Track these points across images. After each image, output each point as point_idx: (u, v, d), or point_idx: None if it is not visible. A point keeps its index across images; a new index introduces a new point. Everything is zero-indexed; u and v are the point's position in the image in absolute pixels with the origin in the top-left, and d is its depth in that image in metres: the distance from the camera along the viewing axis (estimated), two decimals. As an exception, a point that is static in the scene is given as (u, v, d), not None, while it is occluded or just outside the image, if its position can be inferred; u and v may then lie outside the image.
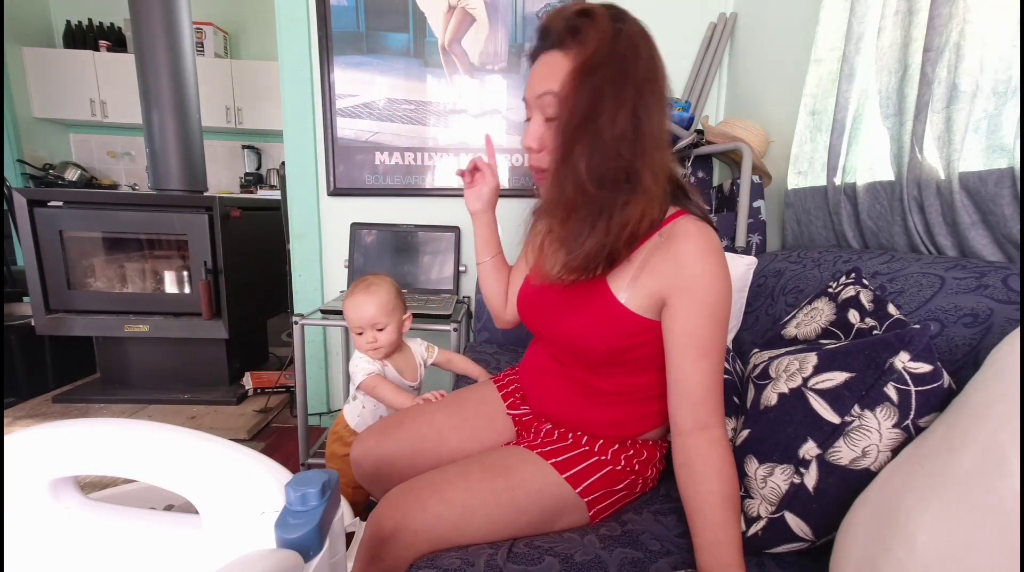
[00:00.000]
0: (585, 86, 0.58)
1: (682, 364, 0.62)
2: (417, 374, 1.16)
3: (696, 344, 0.61)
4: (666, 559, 0.60)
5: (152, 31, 1.82)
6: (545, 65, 0.62)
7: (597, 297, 0.67)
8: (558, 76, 0.60)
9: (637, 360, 0.68)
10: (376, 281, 1.10)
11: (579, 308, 0.69)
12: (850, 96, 0.99)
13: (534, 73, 0.64)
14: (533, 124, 0.65)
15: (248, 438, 1.71)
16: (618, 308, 0.65)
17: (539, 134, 0.65)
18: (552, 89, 0.61)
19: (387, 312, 1.06)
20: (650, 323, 0.65)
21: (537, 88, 0.63)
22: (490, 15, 1.62)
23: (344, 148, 1.67)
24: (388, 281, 1.11)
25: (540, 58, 0.63)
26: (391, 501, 0.64)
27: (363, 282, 1.09)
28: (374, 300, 1.05)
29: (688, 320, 0.62)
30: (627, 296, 0.65)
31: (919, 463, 0.44)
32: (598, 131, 0.58)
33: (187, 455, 0.46)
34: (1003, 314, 0.57)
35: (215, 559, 0.46)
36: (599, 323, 0.66)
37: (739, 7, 1.59)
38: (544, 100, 0.62)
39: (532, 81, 0.64)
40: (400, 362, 1.13)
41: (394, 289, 1.10)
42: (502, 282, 0.91)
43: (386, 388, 1.05)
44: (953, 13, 0.77)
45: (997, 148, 0.75)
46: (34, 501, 0.48)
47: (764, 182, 1.32)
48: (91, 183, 3.40)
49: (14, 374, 1.93)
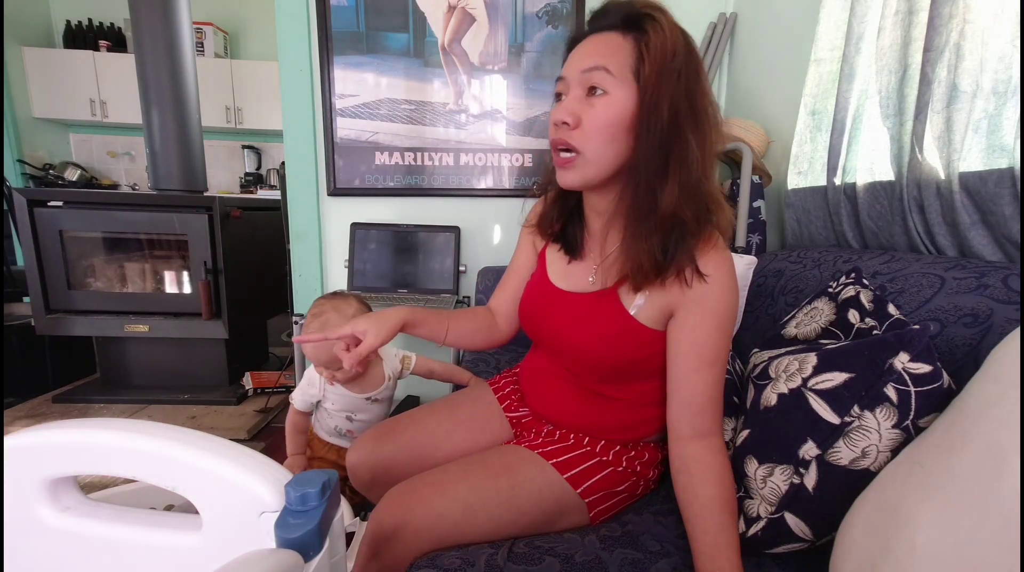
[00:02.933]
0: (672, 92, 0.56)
1: (686, 373, 0.62)
2: (379, 385, 1.11)
3: (701, 354, 0.61)
4: (666, 560, 0.60)
5: (152, 31, 1.81)
6: (597, 43, 0.60)
7: (608, 310, 0.67)
8: (614, 54, 0.58)
9: (645, 370, 0.68)
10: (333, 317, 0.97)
11: (589, 321, 0.68)
12: (850, 96, 0.99)
13: (581, 49, 0.61)
14: (571, 99, 0.61)
15: (248, 438, 1.71)
16: (629, 321, 0.65)
17: (577, 109, 0.60)
18: (606, 65, 0.58)
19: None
20: (660, 335, 0.65)
21: (586, 62, 0.59)
22: (490, 15, 1.62)
23: (344, 148, 1.67)
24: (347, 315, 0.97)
25: (591, 37, 0.61)
26: (393, 499, 0.64)
27: (319, 317, 0.98)
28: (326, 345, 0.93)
29: (695, 330, 0.62)
30: (637, 309, 0.64)
31: (919, 463, 0.44)
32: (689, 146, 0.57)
33: (187, 455, 0.46)
34: (1003, 314, 0.57)
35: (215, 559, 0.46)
36: (610, 336, 0.66)
37: (739, 7, 1.59)
38: (594, 75, 0.59)
39: (579, 56, 0.61)
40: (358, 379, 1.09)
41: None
42: (476, 328, 0.83)
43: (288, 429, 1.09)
44: (953, 13, 0.77)
45: (997, 148, 0.75)
46: (34, 501, 0.48)
47: (764, 182, 1.32)
48: (91, 183, 3.41)
49: (14, 374, 1.92)
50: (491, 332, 0.85)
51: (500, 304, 0.86)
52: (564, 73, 0.63)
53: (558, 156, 0.63)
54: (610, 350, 0.66)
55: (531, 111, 1.69)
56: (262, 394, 2.00)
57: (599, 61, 0.58)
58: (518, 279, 0.85)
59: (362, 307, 1.04)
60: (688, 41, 0.59)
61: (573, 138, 0.61)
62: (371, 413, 1.14)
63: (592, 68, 0.59)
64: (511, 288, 0.85)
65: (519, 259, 0.85)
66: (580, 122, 0.60)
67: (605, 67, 0.58)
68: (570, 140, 0.61)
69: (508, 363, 1.30)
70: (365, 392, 1.10)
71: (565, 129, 0.61)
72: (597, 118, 0.59)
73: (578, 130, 0.61)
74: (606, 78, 0.58)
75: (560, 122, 0.61)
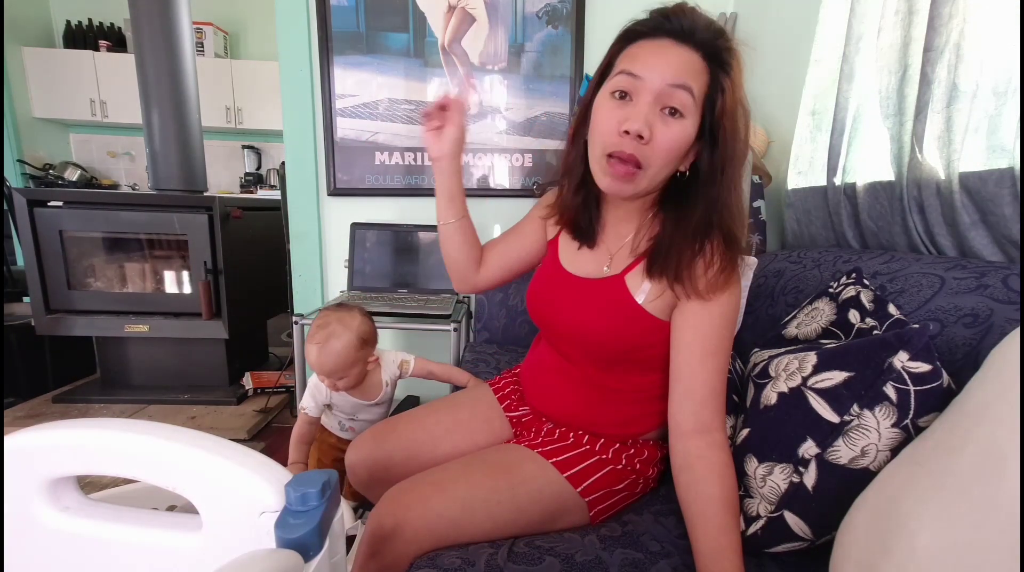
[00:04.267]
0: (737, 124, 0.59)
1: (689, 361, 0.62)
2: (378, 393, 1.13)
3: (704, 342, 0.62)
4: (666, 560, 0.59)
5: (152, 31, 1.81)
6: (682, 58, 0.57)
7: (614, 296, 0.67)
8: (696, 79, 0.57)
9: (647, 360, 0.68)
10: (337, 330, 0.99)
11: (595, 305, 0.69)
12: (850, 96, 0.99)
13: (665, 55, 0.57)
14: (642, 108, 0.57)
15: (248, 438, 1.71)
16: (635, 308, 0.65)
17: (652, 122, 0.57)
18: (691, 86, 0.57)
19: (346, 366, 0.99)
20: (664, 324, 0.66)
21: (674, 76, 0.56)
22: (490, 15, 1.62)
23: (344, 148, 1.67)
24: (349, 329, 1.00)
25: (665, 42, 0.58)
26: (392, 498, 0.64)
27: (322, 330, 0.99)
28: (330, 357, 0.97)
29: (698, 318, 0.62)
30: (644, 297, 0.65)
31: (919, 463, 0.44)
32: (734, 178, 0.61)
33: (187, 455, 0.46)
34: (1003, 314, 0.57)
35: (215, 559, 0.46)
36: (615, 321, 0.67)
37: (739, 7, 1.59)
38: (679, 95, 0.57)
39: (664, 64, 0.57)
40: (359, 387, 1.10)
41: (354, 340, 0.99)
42: (472, 246, 0.82)
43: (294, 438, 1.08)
44: (953, 13, 0.77)
45: (997, 148, 0.75)
46: (34, 501, 0.48)
47: (764, 182, 1.32)
48: (91, 183, 3.41)
49: (14, 374, 1.92)
50: (473, 264, 0.84)
51: (486, 251, 0.86)
52: (642, 73, 0.58)
53: (616, 165, 0.60)
54: (614, 335, 0.67)
55: (531, 111, 1.69)
56: (262, 394, 2.00)
57: (688, 80, 0.56)
58: (516, 241, 0.84)
59: (366, 320, 1.06)
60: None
61: (643, 153, 0.59)
62: (372, 413, 1.16)
63: (681, 86, 0.56)
64: (503, 243, 0.85)
65: (524, 229, 0.84)
66: (653, 137, 0.58)
67: (692, 89, 0.57)
68: (639, 156, 0.59)
69: (508, 363, 1.30)
70: (366, 399, 1.12)
71: (637, 142, 0.58)
72: (671, 140, 0.58)
73: (649, 146, 0.58)
74: (689, 102, 0.57)
75: (635, 134, 0.57)
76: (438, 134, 0.74)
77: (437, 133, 0.75)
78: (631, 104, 0.59)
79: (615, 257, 0.71)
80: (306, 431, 1.12)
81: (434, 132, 0.75)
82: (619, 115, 0.59)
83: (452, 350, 1.43)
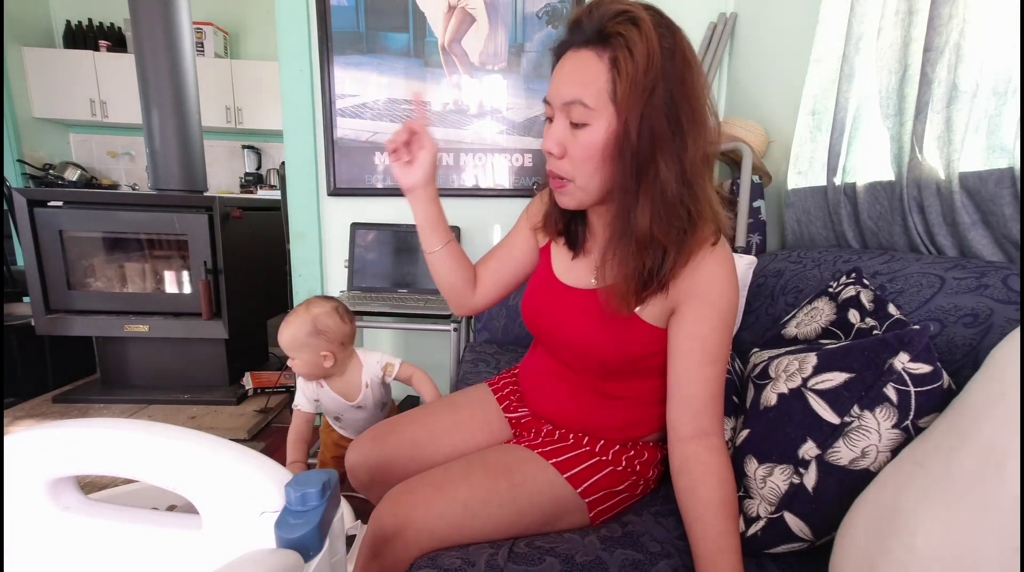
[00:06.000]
0: (643, 111, 0.54)
1: (687, 369, 0.62)
2: (357, 394, 1.13)
3: (702, 350, 0.61)
4: (666, 561, 0.60)
5: (152, 31, 1.81)
6: (574, 66, 0.57)
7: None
8: (590, 83, 0.56)
9: (647, 368, 0.68)
10: (300, 310, 1.06)
11: (593, 318, 0.68)
12: (850, 96, 0.99)
13: (561, 72, 0.59)
14: (556, 127, 0.60)
15: (248, 438, 1.71)
16: (633, 319, 0.65)
17: (563, 139, 0.59)
18: (582, 99, 0.56)
19: (294, 347, 1.05)
20: (662, 332, 0.65)
21: (565, 93, 0.58)
22: (490, 15, 1.62)
23: (344, 148, 1.67)
24: (311, 314, 1.05)
25: (568, 55, 0.58)
26: (393, 499, 0.64)
27: (296, 307, 1.08)
28: (285, 333, 1.04)
29: (696, 325, 0.62)
30: (641, 307, 0.64)
31: (919, 463, 0.44)
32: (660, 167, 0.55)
33: (187, 455, 0.46)
34: (1003, 314, 0.57)
35: (215, 559, 0.46)
36: (614, 334, 0.66)
37: (739, 7, 1.59)
38: (573, 110, 0.57)
39: (559, 82, 0.59)
40: (340, 384, 1.13)
41: (306, 327, 1.04)
42: (464, 268, 0.80)
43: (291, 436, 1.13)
44: (953, 13, 0.77)
45: (997, 148, 0.75)
46: (34, 501, 0.48)
47: (764, 182, 1.32)
48: (91, 183, 3.40)
49: (14, 374, 1.93)
50: (468, 286, 0.81)
51: (479, 270, 0.83)
52: (549, 97, 0.61)
53: (553, 179, 0.64)
54: (612, 346, 0.66)
55: (531, 111, 1.69)
56: (262, 394, 2.00)
57: (576, 93, 0.56)
58: (507, 256, 0.82)
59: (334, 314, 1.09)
60: (674, 43, 0.55)
61: (561, 168, 0.61)
62: (357, 416, 1.17)
63: (571, 102, 0.57)
64: (495, 261, 0.82)
65: (514, 241, 0.82)
66: (566, 152, 0.60)
67: (582, 101, 0.56)
68: (559, 171, 0.62)
69: (508, 363, 1.30)
70: (346, 398, 1.13)
71: (553, 159, 0.61)
72: (582, 150, 0.59)
73: (565, 159, 0.60)
74: (585, 112, 0.57)
75: (547, 152, 0.61)
76: (409, 166, 0.71)
77: (409, 165, 0.71)
78: (551, 126, 0.61)
79: (601, 268, 0.69)
80: (303, 429, 1.12)
81: (405, 165, 0.71)
82: (543, 142, 0.62)
83: (452, 350, 1.43)
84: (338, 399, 1.12)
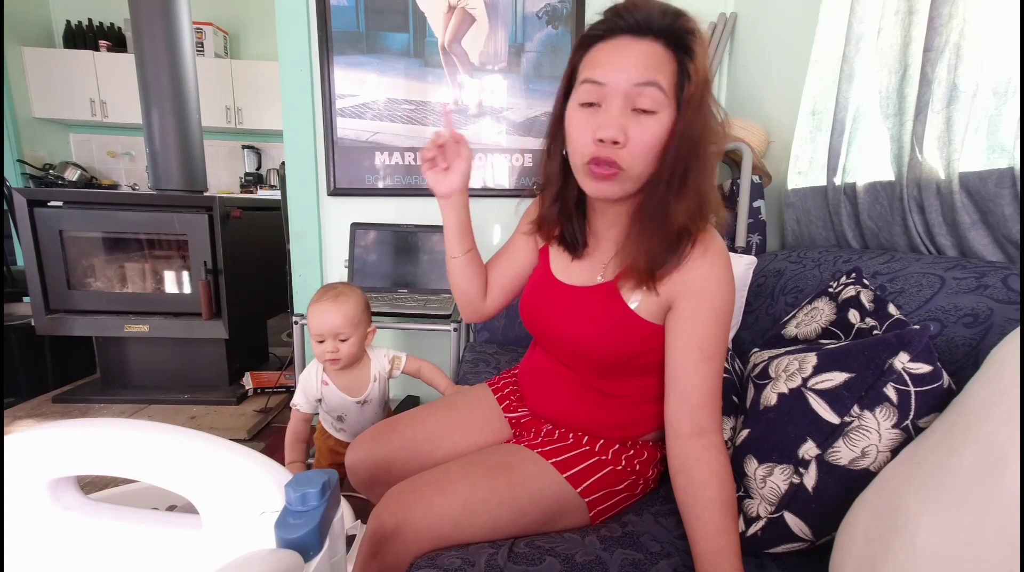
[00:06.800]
0: (703, 108, 0.56)
1: (684, 366, 0.62)
2: (365, 388, 1.13)
3: (700, 346, 0.61)
4: (666, 561, 0.60)
5: (152, 31, 1.81)
6: (644, 52, 0.55)
7: (608, 304, 0.67)
8: (665, 71, 0.55)
9: (645, 365, 0.68)
10: (345, 290, 1.07)
11: (590, 314, 0.68)
12: (850, 96, 0.99)
13: (625, 54, 0.56)
14: (615, 113, 0.56)
15: (248, 438, 1.71)
16: (629, 315, 0.65)
17: (625, 126, 0.56)
18: (658, 80, 0.55)
19: (352, 324, 1.04)
20: (659, 329, 0.65)
21: (639, 74, 0.55)
22: (490, 15, 1.62)
23: (344, 148, 1.67)
24: (357, 292, 1.08)
25: (624, 40, 0.56)
26: (393, 498, 0.64)
27: (331, 290, 1.07)
28: (341, 310, 1.03)
29: (693, 322, 0.62)
30: (638, 303, 0.65)
31: (919, 463, 0.44)
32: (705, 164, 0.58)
33: (187, 455, 0.46)
34: (1003, 314, 0.57)
35: (215, 559, 0.46)
36: (611, 330, 0.66)
37: (739, 7, 1.59)
38: (644, 94, 0.55)
39: (627, 63, 0.55)
40: (348, 379, 1.11)
41: (362, 301, 1.08)
42: (480, 276, 0.81)
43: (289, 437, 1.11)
44: (953, 13, 0.77)
45: (997, 148, 0.75)
46: (34, 501, 0.48)
47: (764, 182, 1.32)
48: (91, 183, 3.41)
49: (14, 374, 1.92)
50: (482, 293, 0.83)
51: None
52: (604, 79, 0.57)
53: (595, 168, 0.59)
54: (610, 344, 0.66)
55: (531, 111, 1.69)
56: (262, 394, 2.00)
57: (652, 76, 0.55)
58: (509, 263, 0.82)
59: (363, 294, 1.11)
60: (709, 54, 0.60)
61: (621, 157, 0.58)
62: (360, 415, 1.15)
63: (646, 83, 0.55)
64: (498, 267, 0.83)
65: (514, 247, 0.82)
66: (628, 140, 0.57)
67: (659, 84, 0.55)
68: (618, 159, 0.58)
69: (508, 364, 1.30)
70: (352, 394, 1.12)
71: (613, 147, 0.57)
72: (647, 139, 0.57)
73: (626, 149, 0.57)
74: (659, 97, 0.55)
75: (610, 140, 0.57)
76: (446, 173, 0.72)
77: (445, 172, 0.72)
78: (602, 111, 0.58)
79: (609, 265, 0.70)
80: (301, 429, 1.12)
81: (440, 172, 0.72)
82: (592, 124, 0.58)
83: (452, 350, 1.43)
84: (343, 396, 1.11)
